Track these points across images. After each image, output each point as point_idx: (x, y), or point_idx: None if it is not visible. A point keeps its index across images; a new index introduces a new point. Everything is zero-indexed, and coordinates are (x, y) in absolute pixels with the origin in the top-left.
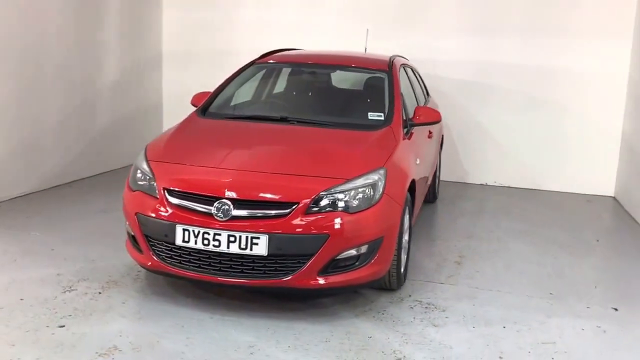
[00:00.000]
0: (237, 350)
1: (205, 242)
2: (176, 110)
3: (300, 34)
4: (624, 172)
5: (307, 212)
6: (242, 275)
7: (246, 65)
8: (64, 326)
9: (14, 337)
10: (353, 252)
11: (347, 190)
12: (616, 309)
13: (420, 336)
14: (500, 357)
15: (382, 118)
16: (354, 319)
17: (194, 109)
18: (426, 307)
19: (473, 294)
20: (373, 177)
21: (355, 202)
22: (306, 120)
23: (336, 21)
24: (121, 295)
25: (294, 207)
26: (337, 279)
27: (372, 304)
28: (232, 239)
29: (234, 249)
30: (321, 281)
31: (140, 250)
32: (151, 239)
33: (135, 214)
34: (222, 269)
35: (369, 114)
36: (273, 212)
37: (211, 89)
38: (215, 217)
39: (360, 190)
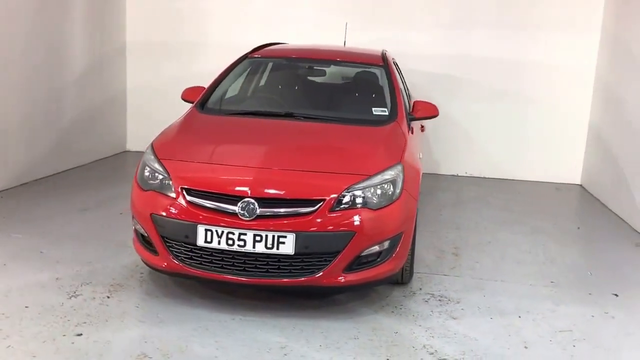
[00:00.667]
0: (270, 352)
1: (230, 242)
2: (140, 102)
3: (272, 27)
4: (590, 161)
5: (331, 209)
6: (268, 274)
7: (239, 59)
8: (81, 334)
9: (32, 348)
10: (376, 248)
11: (369, 187)
12: (616, 295)
13: (443, 329)
14: (525, 347)
15: (387, 113)
16: (374, 314)
17: (158, 102)
18: (440, 300)
19: (480, 285)
20: (392, 173)
21: (377, 199)
22: (312, 116)
23: (308, 14)
24: (132, 299)
25: (319, 205)
26: (360, 275)
27: (387, 298)
28: (258, 238)
29: (260, 248)
30: (346, 278)
31: (154, 252)
32: (168, 240)
33: (150, 214)
34: (246, 269)
35: (373, 109)
36: (299, 210)
37: (178, 81)
38: (240, 216)
39: (381, 186)
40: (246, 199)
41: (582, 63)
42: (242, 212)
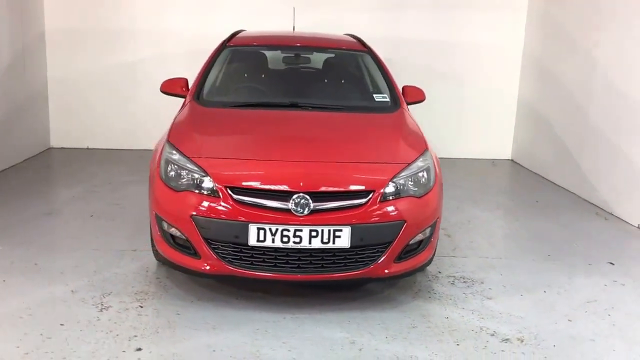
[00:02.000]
0: (343, 348)
1: (285, 239)
2: (63, 95)
3: (206, 11)
4: (521, 136)
5: (381, 200)
6: (323, 270)
7: (219, 48)
8: (141, 349)
9: None
10: (420, 236)
11: (410, 175)
12: (612, 264)
13: (486, 310)
14: (569, 320)
15: (387, 99)
16: (414, 301)
17: (83, 94)
18: (465, 282)
19: (489, 264)
20: (425, 160)
21: (418, 187)
22: (318, 105)
23: None
24: (168, 306)
25: (370, 196)
26: (407, 264)
27: (415, 284)
28: (314, 233)
29: (316, 243)
30: (396, 268)
31: (194, 255)
32: (213, 242)
33: (191, 216)
34: (300, 265)
35: (374, 95)
36: (352, 202)
37: (103, 70)
38: (294, 212)
39: (419, 174)
40: (299, 194)
41: (510, 42)
42: (295, 207)
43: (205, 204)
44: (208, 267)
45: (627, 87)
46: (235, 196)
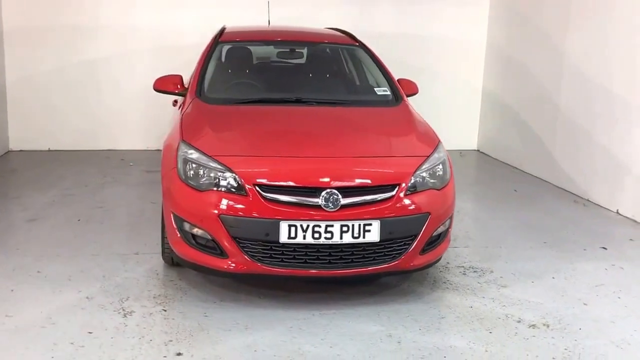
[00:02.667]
0: (382, 342)
1: (316, 235)
2: (22, 97)
3: (170, 7)
4: (486, 127)
5: (405, 193)
6: (353, 264)
7: (212, 45)
8: (181, 353)
9: None
10: (441, 228)
11: (429, 168)
12: (605, 248)
13: (506, 298)
14: (585, 304)
15: (389, 92)
16: (434, 292)
17: (43, 95)
18: (475, 271)
19: (492, 253)
20: (440, 153)
21: (436, 179)
22: (323, 100)
23: None
24: (193, 309)
25: (396, 189)
26: (430, 256)
27: (428, 276)
28: (345, 229)
29: (347, 238)
30: (420, 261)
31: (220, 254)
32: (241, 240)
33: (219, 215)
34: (331, 261)
35: (376, 89)
36: (379, 196)
37: (64, 70)
38: (325, 208)
39: (437, 166)
40: (329, 190)
41: (473, 33)
42: (326, 203)
43: (233, 202)
44: (234, 266)
45: (599, 75)
46: (264, 194)
